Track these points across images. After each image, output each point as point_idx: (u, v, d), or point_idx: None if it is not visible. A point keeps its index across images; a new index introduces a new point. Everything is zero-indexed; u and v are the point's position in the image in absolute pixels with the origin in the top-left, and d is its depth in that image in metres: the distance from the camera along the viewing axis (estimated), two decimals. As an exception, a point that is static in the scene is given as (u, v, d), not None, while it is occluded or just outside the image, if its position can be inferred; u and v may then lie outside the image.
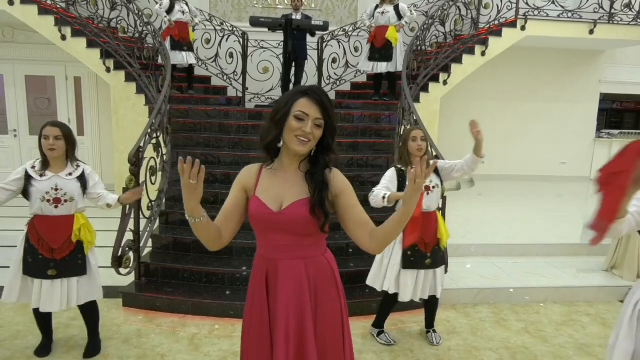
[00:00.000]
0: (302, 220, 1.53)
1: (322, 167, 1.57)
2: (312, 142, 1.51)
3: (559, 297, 3.95)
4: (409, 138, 3.01)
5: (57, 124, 2.74)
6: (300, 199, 1.55)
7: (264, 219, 1.56)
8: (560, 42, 7.52)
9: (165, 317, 3.48)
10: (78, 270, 2.81)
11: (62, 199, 2.71)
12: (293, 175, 1.59)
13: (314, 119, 1.49)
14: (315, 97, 1.50)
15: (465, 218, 5.58)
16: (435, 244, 3.05)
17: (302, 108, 1.49)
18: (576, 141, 8.90)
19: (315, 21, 5.77)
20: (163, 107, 4.30)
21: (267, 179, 1.61)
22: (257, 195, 1.59)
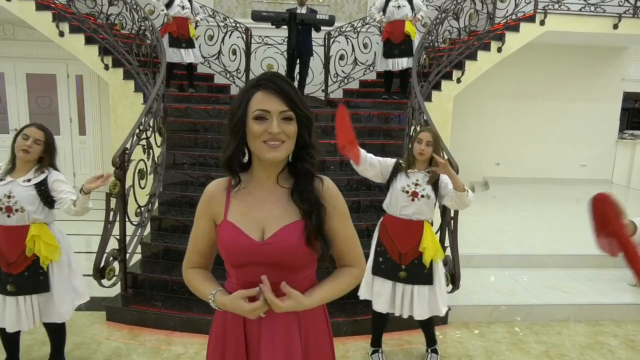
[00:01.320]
0: (293, 251, 1.22)
1: (308, 178, 1.26)
2: (287, 143, 1.19)
3: (583, 316, 3.59)
4: (416, 139, 2.71)
5: (44, 128, 2.47)
6: (288, 223, 1.23)
7: (243, 250, 1.23)
8: (581, 37, 7.11)
9: (150, 333, 3.22)
10: (38, 287, 2.50)
11: (14, 208, 2.39)
12: (273, 192, 1.27)
13: (279, 114, 1.17)
14: (272, 86, 1.17)
15: (479, 225, 5.23)
16: (415, 257, 2.71)
17: (260, 105, 1.17)
18: (597, 142, 8.46)
19: (320, 15, 5.47)
20: (155, 105, 4.04)
21: (239, 199, 1.28)
22: (230, 220, 1.26)
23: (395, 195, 2.72)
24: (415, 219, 2.71)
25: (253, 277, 1.24)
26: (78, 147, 7.82)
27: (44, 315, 2.57)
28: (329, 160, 4.86)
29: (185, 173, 4.62)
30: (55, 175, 2.50)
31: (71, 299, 2.62)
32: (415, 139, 2.71)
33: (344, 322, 3.26)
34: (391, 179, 2.74)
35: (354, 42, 6.68)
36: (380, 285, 2.77)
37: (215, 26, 6.68)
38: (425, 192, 2.69)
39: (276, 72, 1.24)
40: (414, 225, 2.71)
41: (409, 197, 2.68)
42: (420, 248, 2.70)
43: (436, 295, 2.76)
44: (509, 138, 8.21)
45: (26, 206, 2.41)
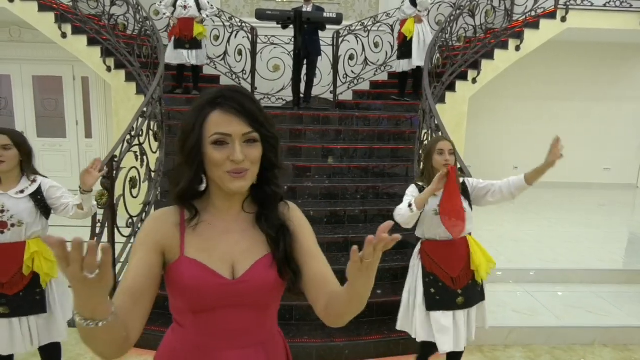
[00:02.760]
0: (270, 288, 1.06)
1: (276, 202, 1.11)
2: (253, 169, 1.02)
3: (610, 339, 3.27)
4: (434, 150, 2.42)
5: (6, 130, 2.25)
6: (260, 257, 1.06)
7: (211, 292, 1.02)
8: (605, 34, 6.72)
9: (139, 354, 2.99)
10: (35, 308, 2.28)
11: (9, 223, 2.19)
12: (237, 221, 1.09)
13: (242, 136, 0.99)
14: (232, 105, 0.98)
15: (495, 235, 4.92)
16: (470, 278, 2.42)
17: (219, 127, 0.98)
18: (622, 145, 8.05)
19: (327, 13, 5.22)
20: (149, 109, 3.85)
21: (198, 232, 1.06)
22: (189, 256, 1.03)
23: (428, 220, 2.42)
24: (459, 236, 2.40)
25: (218, 324, 1.04)
26: (84, 149, 7.70)
27: (43, 337, 2.35)
28: (336, 166, 4.62)
29: (185, 179, 4.42)
30: (46, 182, 2.30)
31: (65, 316, 2.43)
32: (434, 150, 2.42)
33: (346, 345, 3.00)
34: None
35: (365, 42, 6.42)
36: (442, 320, 2.39)
37: (221, 26, 6.49)
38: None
39: (235, 87, 1.05)
40: (457, 244, 2.42)
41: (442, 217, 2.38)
42: (473, 267, 2.41)
43: (484, 309, 2.51)
44: (528, 141, 7.83)
45: (25, 219, 2.22)
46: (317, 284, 1.06)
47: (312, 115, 5.38)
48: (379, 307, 3.26)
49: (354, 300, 0.96)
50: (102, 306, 0.79)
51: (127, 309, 0.94)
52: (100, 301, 0.78)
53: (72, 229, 2.92)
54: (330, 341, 3.00)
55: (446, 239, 2.41)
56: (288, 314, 3.18)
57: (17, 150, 2.22)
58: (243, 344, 1.07)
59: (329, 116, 5.40)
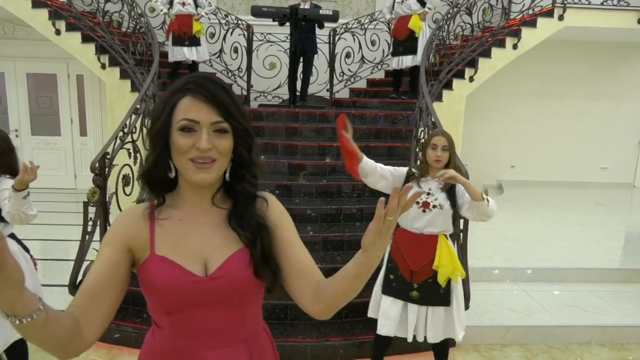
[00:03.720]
0: (245, 284, 1.01)
1: (248, 201, 1.05)
2: (220, 161, 0.97)
3: (607, 338, 3.25)
4: (429, 145, 2.42)
5: None
6: (233, 252, 1.01)
7: (184, 290, 0.98)
8: (603, 33, 6.70)
9: (130, 353, 2.97)
10: None
11: None
12: (208, 215, 1.04)
13: (210, 125, 0.95)
14: (202, 92, 0.94)
15: (492, 234, 4.89)
16: (430, 276, 2.41)
17: (187, 113, 0.94)
18: (619, 144, 8.03)
19: (324, 10, 5.18)
20: (143, 106, 3.80)
21: (167, 227, 1.02)
22: (159, 254, 0.99)
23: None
24: (427, 232, 2.42)
25: (196, 323, 1.01)
26: (79, 148, 7.64)
27: (5, 337, 2.31)
28: (332, 164, 4.58)
29: (179, 177, 4.38)
30: (3, 183, 2.21)
31: None
32: (429, 144, 2.42)
33: (341, 345, 2.96)
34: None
35: (361, 39, 6.39)
36: (388, 305, 2.46)
37: (217, 23, 6.44)
38: (437, 202, 2.39)
39: (207, 75, 1.00)
40: (425, 240, 2.42)
41: (420, 209, 2.39)
42: (434, 266, 2.39)
43: (453, 318, 2.45)
44: (525, 139, 7.82)
45: None
46: (299, 273, 1.03)
47: (308, 113, 5.34)
48: (375, 306, 3.23)
49: (360, 275, 0.91)
50: (19, 302, 0.74)
51: (83, 309, 0.91)
52: (14, 296, 0.73)
53: (62, 227, 2.88)
54: (325, 340, 2.97)
55: (416, 231, 2.42)
56: (283, 313, 3.14)
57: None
58: (223, 343, 1.03)
59: (325, 114, 5.37)
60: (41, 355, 2.59)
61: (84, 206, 2.97)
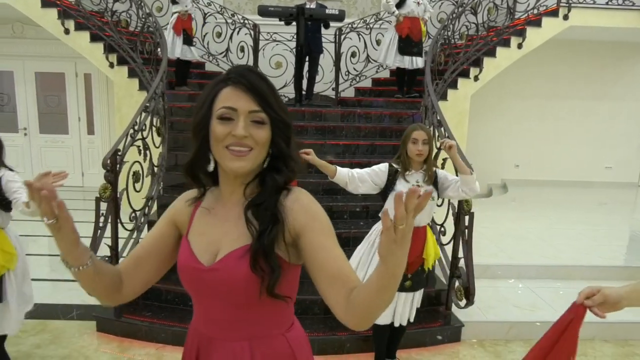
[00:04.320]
0: (240, 281, 0.97)
1: (269, 192, 1.01)
2: (256, 151, 0.97)
3: (611, 335, 3.28)
4: (409, 139, 2.49)
5: None
6: (239, 246, 0.99)
7: (190, 276, 1.03)
8: (608, 33, 6.72)
9: (141, 346, 3.03)
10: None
11: None
12: (235, 209, 1.04)
13: (248, 114, 0.96)
14: (242, 82, 0.96)
15: (496, 232, 4.93)
16: (420, 264, 2.57)
17: (226, 102, 0.96)
18: (623, 143, 8.04)
19: (330, 10, 5.22)
20: (152, 104, 3.86)
21: (202, 216, 1.07)
22: (188, 237, 1.06)
23: None
24: (422, 225, 2.56)
25: (206, 312, 1.05)
26: (86, 146, 7.71)
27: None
28: (338, 162, 4.61)
29: (187, 175, 4.43)
30: (8, 175, 2.30)
31: (23, 308, 2.47)
32: (409, 139, 2.49)
33: (348, 338, 3.01)
34: (388, 186, 2.52)
35: (367, 39, 6.43)
36: None
37: (223, 23, 6.50)
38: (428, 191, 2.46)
39: (250, 66, 1.02)
40: (419, 232, 2.53)
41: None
42: (424, 255, 2.56)
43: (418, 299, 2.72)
44: (529, 139, 7.84)
45: None
46: (331, 279, 0.94)
47: (313, 112, 5.39)
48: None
49: (387, 285, 0.84)
50: (73, 254, 0.94)
51: (128, 269, 1.08)
52: (69, 249, 0.93)
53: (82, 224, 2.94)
54: (332, 334, 3.02)
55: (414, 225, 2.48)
56: (290, 307, 3.19)
57: None
58: (228, 337, 1.04)
59: (330, 113, 5.41)
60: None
61: (96, 202, 3.03)
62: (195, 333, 1.10)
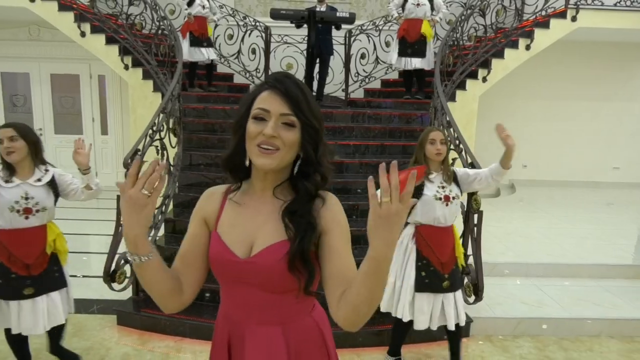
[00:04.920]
0: (276, 274, 1.07)
1: (304, 200, 1.10)
2: (283, 152, 1.05)
3: (616, 331, 3.35)
4: (427, 140, 2.60)
5: (10, 124, 2.40)
6: (275, 242, 1.08)
7: (225, 267, 1.12)
8: (616, 34, 6.75)
9: (160, 339, 3.15)
10: (57, 284, 2.50)
11: (34, 209, 2.37)
12: (268, 204, 1.13)
13: (280, 116, 1.04)
14: (278, 86, 1.05)
15: (504, 231, 5.01)
16: (454, 263, 2.64)
17: (261, 104, 1.06)
18: (631, 144, 8.06)
19: (340, 13, 5.32)
20: (169, 105, 3.98)
21: (233, 209, 1.15)
22: (218, 231, 1.14)
23: (429, 205, 2.58)
24: (450, 223, 2.65)
25: (238, 298, 1.14)
26: (100, 146, 7.87)
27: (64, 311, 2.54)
28: (348, 162, 4.72)
29: (202, 174, 4.55)
30: (57, 170, 2.49)
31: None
32: (426, 140, 2.60)
33: (360, 333, 3.11)
34: (416, 192, 2.58)
35: (376, 41, 6.52)
36: (424, 301, 2.61)
37: (235, 25, 6.62)
38: (453, 192, 2.62)
39: (288, 73, 1.12)
40: (448, 231, 2.65)
41: (443, 203, 2.58)
42: (457, 252, 2.65)
43: (461, 298, 2.71)
44: (537, 139, 7.89)
45: (48, 205, 2.42)
46: (337, 283, 1.02)
47: (324, 112, 5.48)
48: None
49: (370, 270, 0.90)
50: (142, 240, 1.00)
51: (180, 271, 1.15)
52: (141, 232, 0.99)
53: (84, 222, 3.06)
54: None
55: (442, 224, 2.60)
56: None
57: (24, 140, 2.37)
58: (261, 321, 1.13)
59: (341, 114, 5.51)
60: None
61: (117, 200, 3.14)
62: (225, 322, 1.18)
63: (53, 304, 2.48)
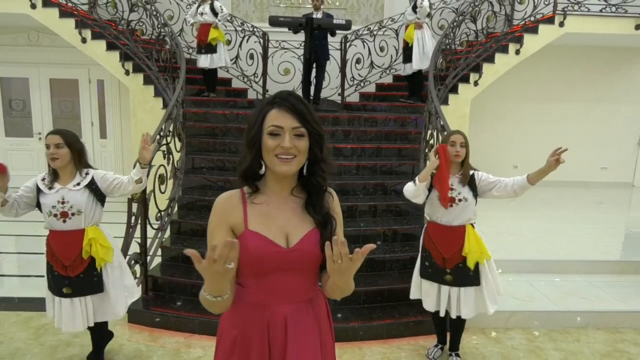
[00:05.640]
0: (315, 257, 1.32)
1: (320, 193, 1.35)
2: (299, 157, 1.27)
3: (602, 323, 3.55)
4: (448, 142, 2.76)
5: (58, 131, 2.56)
6: (307, 231, 1.33)
7: (271, 258, 1.29)
8: (602, 39, 6.99)
9: (171, 335, 3.29)
10: (93, 288, 2.62)
11: (69, 212, 2.52)
12: (288, 202, 1.35)
13: (292, 130, 1.25)
14: (286, 105, 1.25)
15: (496, 230, 5.20)
16: (460, 261, 2.77)
17: (274, 121, 1.25)
18: (619, 145, 8.33)
19: (337, 20, 5.49)
20: (174, 111, 4.12)
21: (257, 209, 1.33)
22: (252, 229, 1.30)
23: (433, 204, 2.79)
24: (457, 224, 2.77)
25: (276, 284, 1.31)
26: (99, 150, 7.98)
27: (98, 315, 2.68)
28: (346, 164, 4.89)
29: (204, 177, 4.70)
30: (98, 172, 2.64)
31: (124, 298, 2.75)
32: (448, 142, 2.75)
33: (360, 327, 3.28)
34: (431, 189, 2.80)
35: (371, 46, 6.69)
36: (428, 286, 2.88)
37: (233, 31, 6.76)
38: (461, 195, 2.73)
39: (291, 91, 1.31)
40: (455, 230, 2.77)
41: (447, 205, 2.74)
42: (463, 253, 2.75)
43: (484, 296, 2.83)
44: (527, 141, 8.12)
45: (83, 209, 2.54)
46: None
47: (322, 117, 5.64)
48: (390, 294, 3.56)
49: (335, 289, 1.30)
50: (227, 286, 1.17)
51: None
52: (227, 282, 1.15)
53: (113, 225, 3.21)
54: (347, 324, 3.28)
55: (446, 224, 2.77)
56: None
57: (69, 148, 2.51)
58: (295, 300, 1.35)
59: (338, 117, 5.68)
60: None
61: (129, 203, 3.29)
62: (257, 310, 1.33)
63: (89, 306, 2.63)
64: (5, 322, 3.35)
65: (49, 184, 2.52)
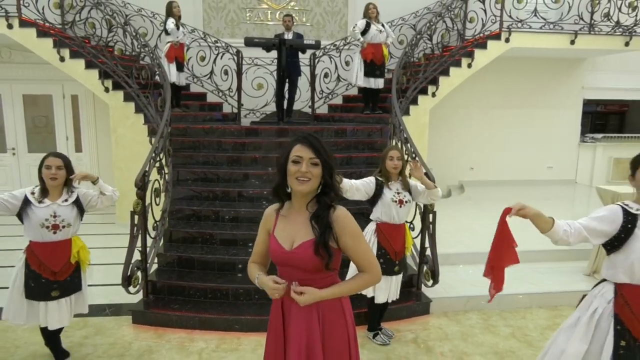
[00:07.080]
0: (309, 259, 1.72)
1: (324, 209, 1.75)
2: (312, 181, 1.70)
3: (544, 302, 4.20)
4: (387, 157, 3.36)
5: (59, 155, 2.97)
6: (307, 239, 1.73)
7: (279, 256, 1.79)
8: (543, 52, 7.79)
9: (174, 332, 3.67)
10: (75, 288, 3.09)
11: (60, 225, 2.92)
12: (303, 216, 1.78)
13: (309, 160, 1.69)
14: (306, 142, 1.72)
15: (456, 227, 5.81)
16: (404, 253, 3.48)
17: (297, 152, 1.71)
18: (561, 146, 9.18)
19: (307, 40, 6.00)
20: (165, 130, 4.49)
21: (282, 220, 1.83)
22: (274, 234, 1.81)
23: (387, 206, 3.34)
24: (402, 221, 3.41)
25: (286, 275, 1.80)
26: (75, 162, 7.88)
27: (75, 309, 3.14)
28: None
29: (190, 188, 5.07)
30: (80, 191, 3.06)
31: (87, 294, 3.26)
32: (387, 157, 3.35)
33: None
34: (377, 194, 3.34)
35: (337, 61, 7.22)
36: (382, 281, 3.31)
37: (206, 47, 7.13)
38: (406, 197, 3.39)
39: (312, 133, 1.80)
40: (401, 227, 3.44)
41: (397, 205, 3.34)
42: (407, 244, 3.48)
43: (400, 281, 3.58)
44: (481, 144, 8.86)
45: (72, 222, 2.97)
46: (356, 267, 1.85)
47: (295, 129, 6.11)
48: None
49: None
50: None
51: (258, 259, 1.96)
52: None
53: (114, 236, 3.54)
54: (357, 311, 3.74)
55: (397, 222, 3.37)
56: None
57: (66, 170, 2.93)
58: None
59: (310, 129, 6.15)
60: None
61: (131, 215, 3.66)
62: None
63: (71, 303, 3.09)
64: (17, 329, 3.63)
65: (39, 198, 2.88)
